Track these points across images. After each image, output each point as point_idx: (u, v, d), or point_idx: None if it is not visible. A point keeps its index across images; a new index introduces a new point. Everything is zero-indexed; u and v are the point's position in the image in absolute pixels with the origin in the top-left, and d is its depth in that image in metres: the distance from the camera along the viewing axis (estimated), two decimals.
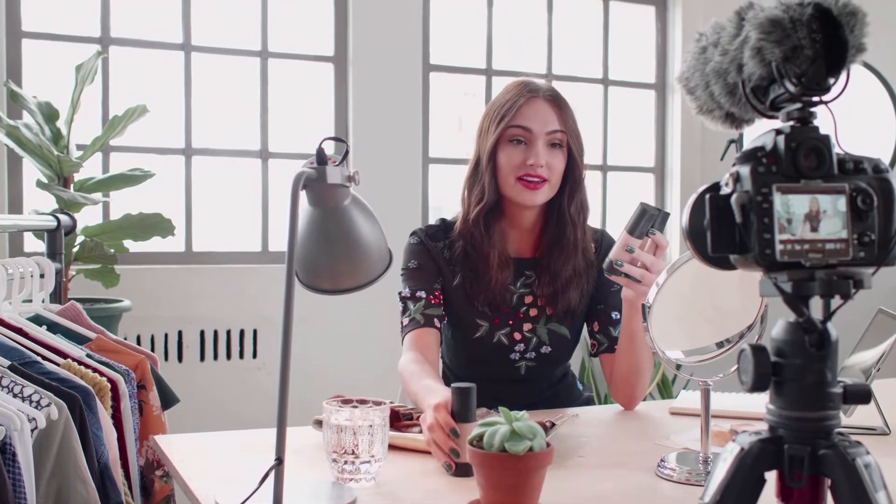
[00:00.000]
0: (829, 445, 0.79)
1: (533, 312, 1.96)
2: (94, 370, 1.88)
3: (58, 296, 2.37)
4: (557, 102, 1.92)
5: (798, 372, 0.79)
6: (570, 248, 1.94)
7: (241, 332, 3.69)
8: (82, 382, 1.79)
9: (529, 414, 1.28)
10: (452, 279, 1.95)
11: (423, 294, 1.92)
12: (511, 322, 1.94)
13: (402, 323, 1.94)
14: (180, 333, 3.60)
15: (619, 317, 1.95)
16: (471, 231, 1.93)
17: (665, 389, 4.06)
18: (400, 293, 1.96)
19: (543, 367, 1.98)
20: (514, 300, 1.95)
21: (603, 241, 2.04)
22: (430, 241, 1.98)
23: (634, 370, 1.86)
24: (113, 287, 3.16)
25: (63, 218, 2.46)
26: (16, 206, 3.41)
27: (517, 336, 1.95)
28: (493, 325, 1.94)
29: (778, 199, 0.78)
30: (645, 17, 4.61)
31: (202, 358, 3.64)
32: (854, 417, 1.68)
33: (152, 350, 3.46)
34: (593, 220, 2.05)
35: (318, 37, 3.93)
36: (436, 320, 1.90)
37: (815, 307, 0.80)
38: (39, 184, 3.07)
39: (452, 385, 1.41)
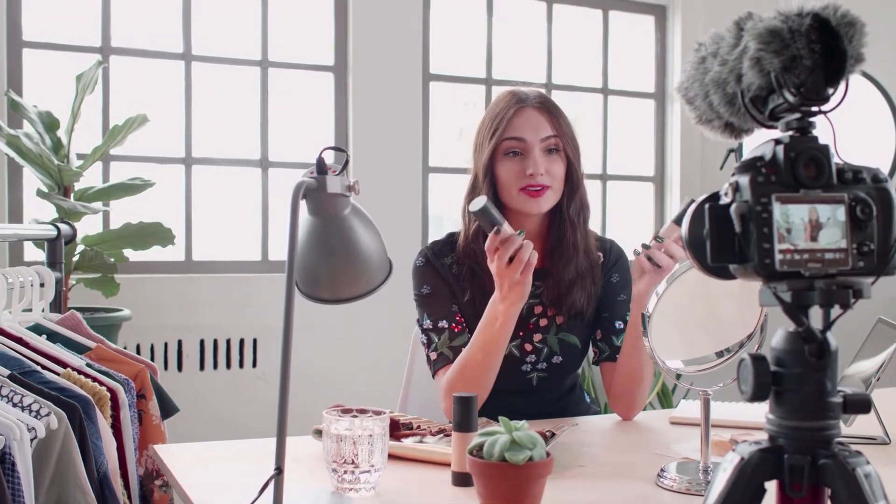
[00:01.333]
0: (830, 455, 0.79)
1: (543, 322, 1.95)
2: (94, 379, 1.88)
3: (57, 305, 2.37)
4: (547, 108, 1.91)
5: (798, 381, 0.79)
6: (571, 251, 1.93)
7: (241, 342, 3.69)
8: (82, 392, 1.79)
9: (529, 423, 1.28)
10: (463, 295, 1.94)
11: (444, 324, 1.90)
12: (521, 333, 1.93)
13: (429, 357, 1.91)
14: (180, 343, 3.60)
15: (622, 326, 1.95)
16: (472, 248, 1.92)
17: (665, 399, 4.05)
18: (420, 324, 1.94)
19: (554, 377, 1.98)
20: (523, 311, 1.93)
21: (611, 251, 2.04)
22: (436, 260, 1.96)
23: (636, 375, 1.86)
24: (113, 296, 3.16)
25: (63, 227, 2.46)
26: (16, 215, 3.42)
27: (528, 347, 1.94)
28: None
29: (777, 208, 0.78)
30: (644, 26, 4.62)
31: (202, 367, 3.64)
32: (854, 427, 1.67)
33: (152, 359, 3.46)
34: (593, 229, 2.04)
35: (318, 46, 3.94)
36: (464, 349, 1.89)
37: (815, 317, 0.80)
38: (39, 193, 3.07)
39: (454, 394, 1.41)
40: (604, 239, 2.06)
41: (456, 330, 1.90)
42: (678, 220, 1.70)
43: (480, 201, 1.66)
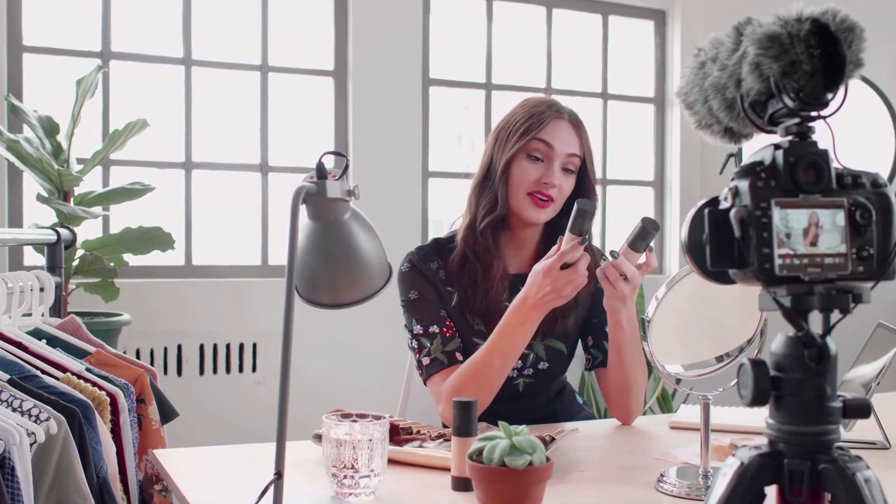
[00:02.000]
0: (829, 460, 0.79)
1: None
2: (94, 384, 1.88)
3: (57, 310, 2.37)
4: (578, 127, 1.93)
5: (797, 386, 0.79)
6: None
7: (241, 346, 3.69)
8: (81, 396, 1.79)
9: (529, 428, 1.28)
10: (450, 300, 1.94)
11: (435, 329, 1.89)
12: None
13: (421, 362, 1.90)
14: (180, 347, 3.60)
15: None
16: (476, 239, 1.92)
17: (665, 404, 4.05)
18: (410, 329, 1.92)
19: (541, 382, 1.98)
20: None
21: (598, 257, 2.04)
22: (423, 265, 1.95)
23: (626, 383, 1.86)
24: (112, 301, 3.16)
25: (63, 232, 2.46)
26: (16, 219, 3.42)
27: None
28: None
29: (777, 213, 0.78)
30: (644, 31, 4.63)
31: (202, 372, 3.63)
32: (854, 432, 1.67)
33: (151, 364, 3.46)
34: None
35: (318, 51, 3.95)
36: (458, 354, 1.87)
37: (815, 321, 0.80)
38: (40, 197, 3.07)
39: (454, 399, 1.41)
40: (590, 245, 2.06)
41: (447, 335, 1.89)
42: (632, 244, 1.69)
43: (594, 205, 1.67)
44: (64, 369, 1.89)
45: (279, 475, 1.16)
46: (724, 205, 0.82)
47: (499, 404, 1.88)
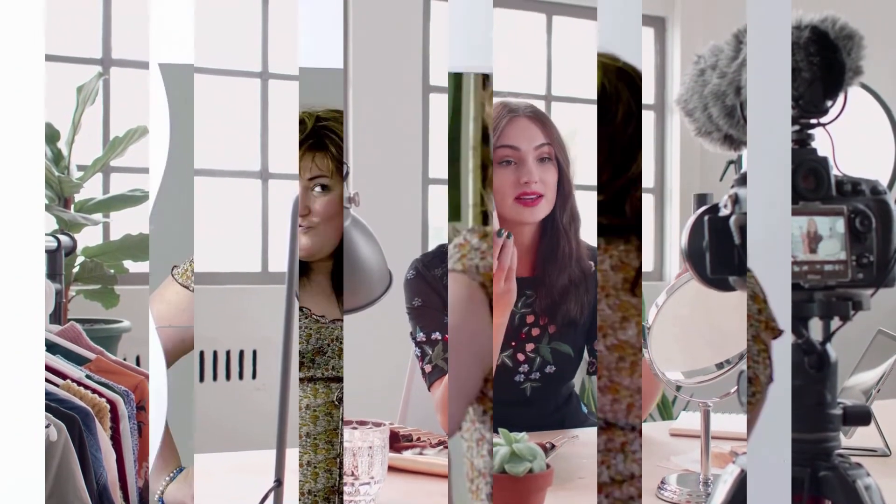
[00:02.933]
0: (830, 467, 0.79)
1: (535, 332, 1.95)
2: (94, 391, 1.87)
3: (57, 316, 2.37)
4: (539, 117, 1.91)
5: (797, 393, 0.79)
6: (565, 259, 1.93)
7: (241, 353, 3.69)
8: (81, 403, 1.78)
9: (529, 435, 1.28)
10: None
11: (437, 336, 1.89)
12: (513, 343, 1.92)
13: (423, 370, 1.89)
14: None
15: None
16: None
17: (665, 410, 4.05)
18: (413, 337, 1.92)
19: (549, 387, 1.97)
20: (515, 320, 1.93)
21: None
22: (427, 271, 1.95)
23: (649, 388, 1.86)
24: (112, 308, 3.16)
25: (63, 238, 2.46)
26: None
27: (520, 357, 1.94)
28: None
29: None
30: (644, 38, 4.63)
31: (202, 378, 3.63)
32: (854, 439, 1.67)
33: None
34: (593, 238, 2.04)
35: None
36: None
37: (815, 328, 0.80)
38: None
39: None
40: (594, 248, 2.06)
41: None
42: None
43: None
44: (64, 376, 1.89)
45: (279, 482, 1.16)
46: (724, 212, 0.82)
47: (508, 410, 1.87)
